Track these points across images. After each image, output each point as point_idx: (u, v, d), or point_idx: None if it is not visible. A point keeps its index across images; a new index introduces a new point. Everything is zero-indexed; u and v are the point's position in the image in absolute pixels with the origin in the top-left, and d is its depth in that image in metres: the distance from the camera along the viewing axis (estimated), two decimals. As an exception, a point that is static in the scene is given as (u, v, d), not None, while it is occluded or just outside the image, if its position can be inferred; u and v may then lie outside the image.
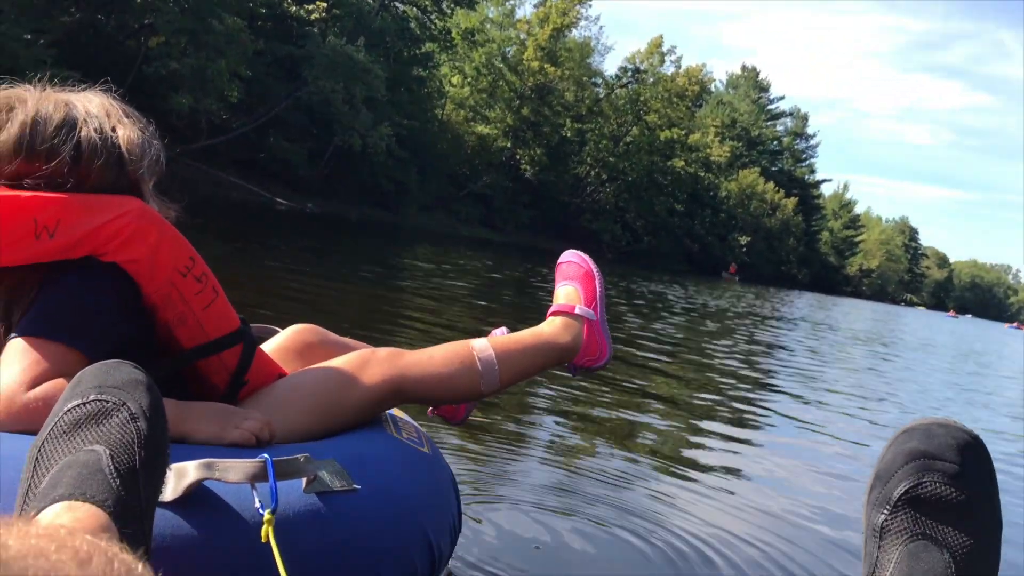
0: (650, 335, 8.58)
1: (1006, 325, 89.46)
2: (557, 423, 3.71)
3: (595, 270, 1.94)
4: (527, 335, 1.82)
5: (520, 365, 1.76)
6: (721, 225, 64.08)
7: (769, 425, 4.79)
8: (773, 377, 7.07)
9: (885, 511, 1.05)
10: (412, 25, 36.69)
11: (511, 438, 3.23)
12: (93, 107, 1.45)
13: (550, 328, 1.84)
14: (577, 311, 1.86)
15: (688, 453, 3.59)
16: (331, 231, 19.56)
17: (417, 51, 37.26)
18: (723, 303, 19.70)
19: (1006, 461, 4.64)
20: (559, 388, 4.46)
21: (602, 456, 3.23)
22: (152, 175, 1.51)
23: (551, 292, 1.99)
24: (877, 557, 1.04)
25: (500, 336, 1.81)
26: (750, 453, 3.94)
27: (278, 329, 1.92)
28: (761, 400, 5.58)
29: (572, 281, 1.93)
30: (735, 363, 7.51)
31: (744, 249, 65.05)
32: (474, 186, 43.71)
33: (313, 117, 30.94)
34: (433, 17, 38.35)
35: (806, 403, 5.86)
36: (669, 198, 56.88)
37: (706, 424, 4.36)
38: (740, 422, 4.62)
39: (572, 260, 1.97)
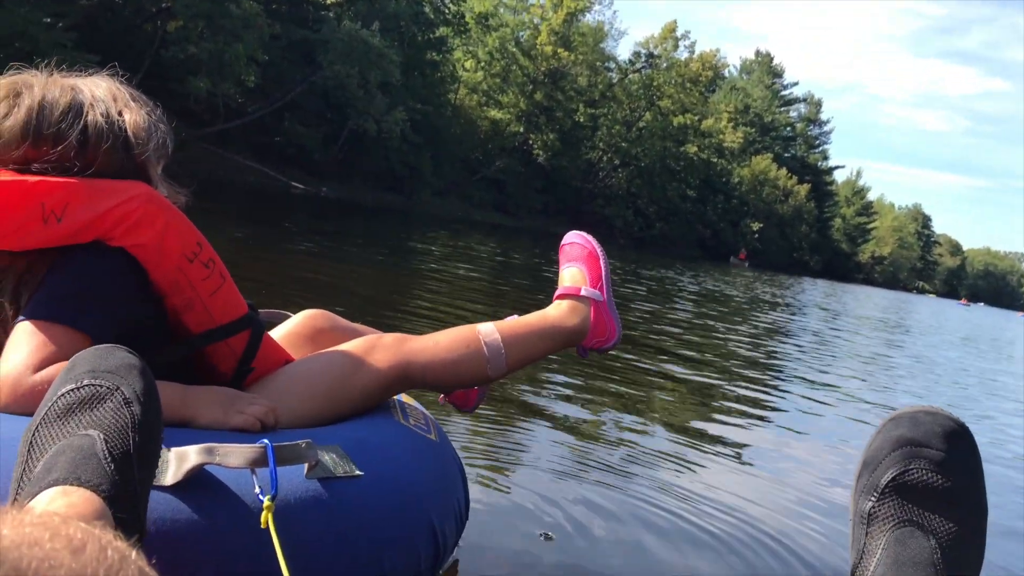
0: (661, 320, 8.57)
1: (1019, 314, 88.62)
2: (568, 405, 3.71)
3: (599, 250, 1.92)
4: (534, 319, 1.81)
5: (527, 349, 1.76)
6: (733, 211, 63.84)
7: (779, 405, 4.83)
8: (783, 360, 7.06)
9: (873, 498, 1.06)
10: (426, 9, 36.57)
11: (522, 420, 3.23)
12: (100, 91, 1.45)
13: (556, 311, 1.84)
14: (583, 293, 1.85)
15: (700, 435, 3.58)
16: (345, 215, 19.58)
17: (431, 35, 37.17)
18: (733, 291, 19.63)
19: (1008, 446, 4.64)
20: (570, 368, 4.46)
21: (613, 439, 3.22)
22: (159, 159, 1.51)
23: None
24: (864, 543, 1.05)
25: (507, 321, 1.80)
26: (761, 432, 3.97)
27: (290, 314, 1.93)
28: (771, 382, 5.58)
29: (576, 262, 1.92)
30: (745, 347, 7.50)
31: (756, 235, 64.78)
32: (487, 171, 43.66)
33: (328, 102, 30.96)
34: (447, 1, 38.22)
35: (815, 385, 5.88)
36: (681, 184, 56.73)
37: (717, 406, 4.37)
38: (750, 403, 4.63)
39: (576, 241, 1.96)
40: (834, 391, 5.83)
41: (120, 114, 1.44)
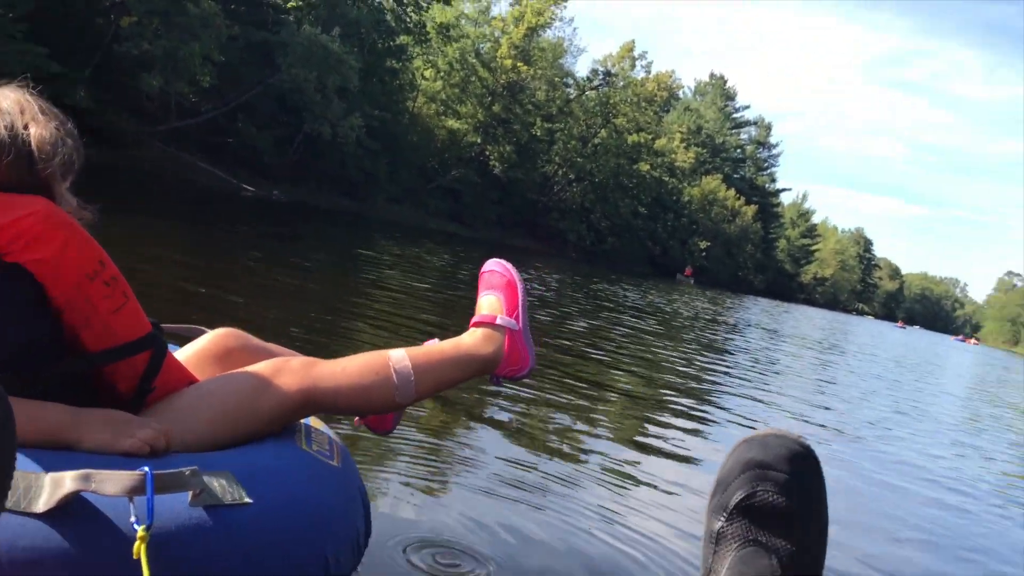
0: (602, 334, 8.61)
1: (952, 338, 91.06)
2: (503, 412, 3.72)
3: (517, 279, 1.94)
4: (447, 346, 1.81)
5: (439, 377, 1.76)
6: (683, 229, 64.52)
7: (715, 422, 4.92)
8: (720, 376, 7.14)
9: (722, 518, 1.09)
10: (387, 17, 36.44)
11: (447, 433, 3.22)
12: (6, 104, 1.43)
13: (471, 339, 1.84)
14: (499, 321, 1.86)
15: (634, 449, 3.62)
16: (299, 219, 19.41)
17: (391, 43, 37.02)
18: (677, 307, 19.81)
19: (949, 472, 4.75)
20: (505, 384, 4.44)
21: (542, 455, 3.21)
22: (65, 175, 1.48)
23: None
24: (712, 563, 1.08)
25: (421, 347, 1.80)
26: (696, 449, 4.04)
27: (206, 329, 1.91)
28: (707, 397, 5.65)
29: (494, 291, 1.93)
30: (682, 362, 7.57)
31: (704, 254, 65.59)
32: (443, 180, 43.52)
33: (283, 104, 30.62)
34: (409, 10, 38.14)
35: (751, 402, 5.98)
36: (634, 201, 57.13)
37: (651, 418, 4.42)
38: (685, 416, 4.70)
39: (495, 269, 1.97)
40: (768, 408, 5.94)
41: (26, 127, 1.42)
